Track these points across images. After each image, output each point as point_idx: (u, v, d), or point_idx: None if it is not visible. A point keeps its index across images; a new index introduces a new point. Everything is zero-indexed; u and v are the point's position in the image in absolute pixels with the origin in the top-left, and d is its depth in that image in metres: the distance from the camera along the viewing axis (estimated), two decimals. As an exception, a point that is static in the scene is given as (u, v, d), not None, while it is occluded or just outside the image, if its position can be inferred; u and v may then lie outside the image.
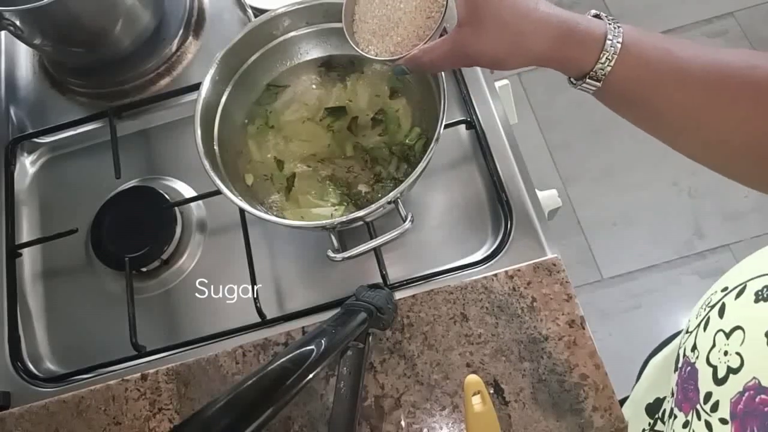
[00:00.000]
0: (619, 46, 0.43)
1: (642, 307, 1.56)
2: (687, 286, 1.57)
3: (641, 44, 0.43)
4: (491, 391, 0.58)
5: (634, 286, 1.59)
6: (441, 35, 0.50)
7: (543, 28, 0.44)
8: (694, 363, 0.41)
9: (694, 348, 0.41)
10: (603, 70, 0.44)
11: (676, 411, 0.43)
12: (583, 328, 0.59)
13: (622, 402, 0.61)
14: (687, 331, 0.44)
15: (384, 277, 0.64)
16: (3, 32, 0.87)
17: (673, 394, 0.45)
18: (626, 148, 1.72)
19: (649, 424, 0.54)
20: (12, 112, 0.83)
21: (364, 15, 0.54)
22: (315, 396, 0.60)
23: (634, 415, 0.57)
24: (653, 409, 0.55)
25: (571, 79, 0.47)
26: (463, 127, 0.70)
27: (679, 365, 0.44)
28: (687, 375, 0.41)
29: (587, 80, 0.45)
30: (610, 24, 0.44)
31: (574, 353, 0.58)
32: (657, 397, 0.55)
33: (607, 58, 0.43)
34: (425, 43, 0.50)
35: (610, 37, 0.43)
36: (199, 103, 0.61)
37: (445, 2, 0.49)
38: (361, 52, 0.53)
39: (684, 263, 1.60)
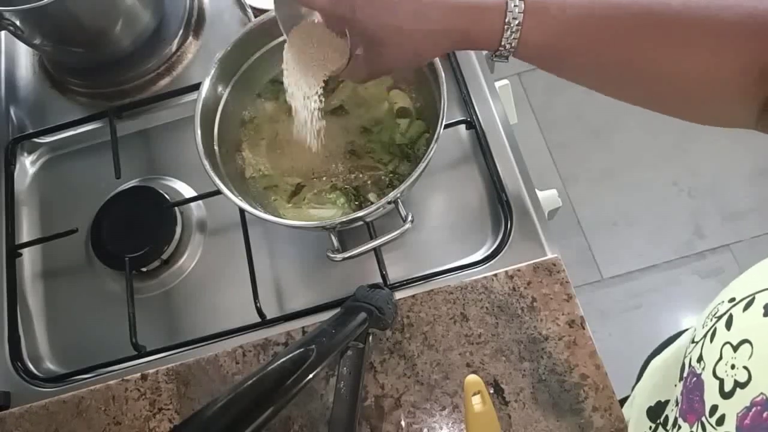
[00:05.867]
0: (519, 27, 0.43)
1: (642, 307, 1.56)
2: (687, 286, 1.57)
3: (544, 11, 0.43)
4: (491, 391, 0.58)
5: (634, 286, 1.59)
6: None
7: (434, 31, 0.45)
8: (700, 374, 0.40)
9: (700, 359, 0.41)
10: (507, 48, 0.45)
11: (680, 421, 0.42)
12: (583, 328, 0.59)
13: (622, 402, 0.61)
14: (693, 341, 0.44)
15: (384, 277, 0.64)
16: (3, 32, 0.87)
17: (677, 404, 0.44)
18: (626, 148, 1.72)
19: (651, 427, 0.54)
20: (12, 112, 0.83)
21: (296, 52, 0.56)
22: (315, 396, 0.60)
23: (635, 417, 0.57)
24: (655, 412, 0.55)
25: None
26: (463, 127, 0.70)
27: (685, 375, 0.43)
28: (692, 386, 0.41)
29: (494, 58, 0.46)
30: None
31: (574, 353, 0.58)
32: (659, 400, 0.55)
33: (506, 39, 0.44)
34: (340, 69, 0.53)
35: (510, 11, 0.43)
36: (199, 103, 0.61)
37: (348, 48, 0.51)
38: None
39: (684, 263, 1.60)
